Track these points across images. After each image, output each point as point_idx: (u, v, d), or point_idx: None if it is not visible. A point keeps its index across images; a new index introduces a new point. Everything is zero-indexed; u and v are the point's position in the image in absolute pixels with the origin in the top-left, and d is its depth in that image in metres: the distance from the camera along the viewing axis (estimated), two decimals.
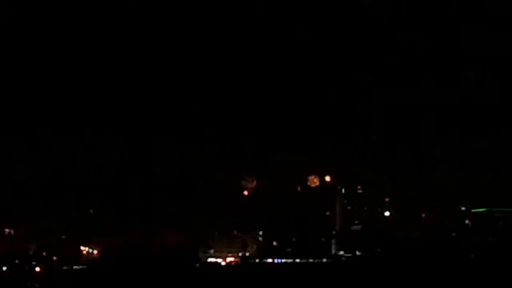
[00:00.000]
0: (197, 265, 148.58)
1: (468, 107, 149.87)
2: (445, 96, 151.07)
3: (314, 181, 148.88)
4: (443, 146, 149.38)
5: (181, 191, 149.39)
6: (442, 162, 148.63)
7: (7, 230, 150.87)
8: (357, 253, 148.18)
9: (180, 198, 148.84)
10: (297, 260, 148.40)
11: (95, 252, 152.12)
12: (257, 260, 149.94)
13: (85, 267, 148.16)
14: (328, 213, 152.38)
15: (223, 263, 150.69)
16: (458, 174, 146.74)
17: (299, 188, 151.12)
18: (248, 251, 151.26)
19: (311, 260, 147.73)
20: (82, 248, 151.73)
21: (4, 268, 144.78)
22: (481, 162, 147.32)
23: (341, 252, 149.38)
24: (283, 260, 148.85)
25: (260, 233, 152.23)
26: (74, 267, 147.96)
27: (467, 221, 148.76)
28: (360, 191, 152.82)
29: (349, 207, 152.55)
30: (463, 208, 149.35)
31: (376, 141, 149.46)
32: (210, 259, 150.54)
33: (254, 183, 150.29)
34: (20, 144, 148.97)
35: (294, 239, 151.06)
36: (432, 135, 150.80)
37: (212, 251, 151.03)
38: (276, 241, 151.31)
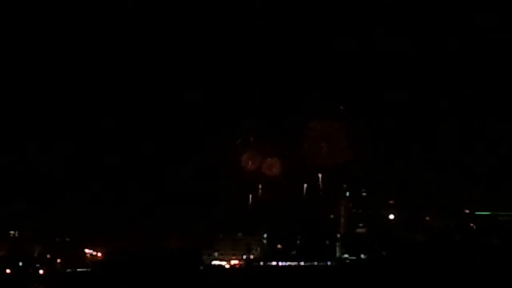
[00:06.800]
0: (201, 267, 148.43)
1: (471, 110, 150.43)
2: (449, 99, 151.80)
3: None
4: (447, 150, 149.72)
5: (185, 193, 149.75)
6: (447, 165, 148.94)
7: (11, 232, 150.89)
8: (362, 256, 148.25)
9: (184, 200, 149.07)
10: (302, 263, 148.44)
11: (99, 254, 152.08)
12: (261, 263, 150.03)
13: (89, 269, 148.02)
14: (332, 216, 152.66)
15: (227, 266, 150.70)
16: (463, 177, 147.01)
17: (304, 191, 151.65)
18: (252, 254, 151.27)
19: (315, 263, 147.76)
20: (86, 250, 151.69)
21: (8, 270, 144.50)
22: (485, 166, 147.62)
23: (346, 255, 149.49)
24: (288, 263, 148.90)
25: (265, 236, 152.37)
26: (78, 269, 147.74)
27: (471, 224, 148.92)
28: (365, 194, 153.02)
29: (353, 210, 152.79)
30: (467, 211, 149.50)
31: (380, 144, 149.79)
32: (214, 262, 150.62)
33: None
34: (22, 145, 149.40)
35: (298, 242, 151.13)
36: (437, 139, 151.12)
37: (216, 253, 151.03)
38: (281, 244, 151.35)
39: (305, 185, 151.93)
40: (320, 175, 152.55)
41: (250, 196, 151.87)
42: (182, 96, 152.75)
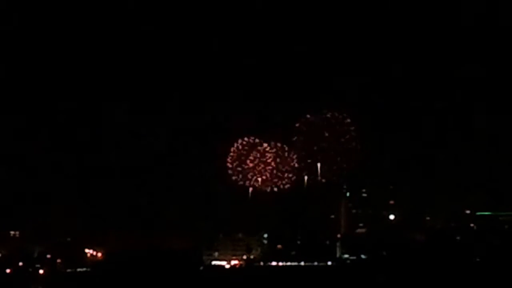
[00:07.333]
0: (201, 268, 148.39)
1: (472, 111, 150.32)
2: (449, 100, 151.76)
3: None
4: (448, 150, 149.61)
5: (185, 194, 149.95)
6: (447, 165, 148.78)
7: (12, 232, 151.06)
8: (362, 256, 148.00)
9: (184, 200, 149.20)
10: (302, 263, 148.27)
11: (99, 254, 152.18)
12: (261, 263, 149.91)
13: (89, 269, 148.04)
14: (332, 216, 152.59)
15: (227, 266, 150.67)
16: (463, 177, 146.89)
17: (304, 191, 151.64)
18: (252, 254, 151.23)
19: (315, 263, 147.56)
20: (86, 250, 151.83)
21: (8, 270, 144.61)
22: (486, 166, 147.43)
23: (346, 255, 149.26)
24: (288, 263, 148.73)
25: (265, 236, 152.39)
26: (78, 269, 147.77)
27: (472, 225, 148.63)
28: (365, 194, 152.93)
29: (354, 211, 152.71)
30: (468, 212, 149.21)
31: (380, 145, 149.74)
32: (215, 262, 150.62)
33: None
34: (22, 146, 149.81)
35: (298, 242, 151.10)
36: (437, 139, 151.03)
37: (216, 254, 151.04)
38: (281, 244, 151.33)
39: (305, 185, 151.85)
40: (320, 175, 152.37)
41: (250, 196, 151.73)
42: (182, 98, 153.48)
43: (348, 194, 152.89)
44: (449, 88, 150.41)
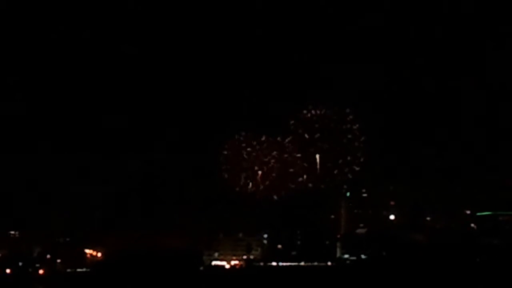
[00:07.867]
0: (201, 268, 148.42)
1: (471, 112, 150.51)
2: (449, 101, 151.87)
3: None
4: (448, 150, 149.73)
5: (185, 194, 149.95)
6: (447, 166, 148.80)
7: (12, 232, 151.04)
8: (362, 256, 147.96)
9: (184, 200, 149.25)
10: (302, 264, 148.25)
11: (99, 255, 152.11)
12: (261, 263, 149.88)
13: (89, 269, 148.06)
14: (333, 216, 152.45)
15: (228, 266, 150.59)
16: (463, 178, 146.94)
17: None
18: (252, 254, 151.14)
19: (316, 264, 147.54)
20: (86, 251, 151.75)
21: (8, 270, 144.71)
22: (486, 166, 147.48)
23: (346, 256, 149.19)
24: (288, 264, 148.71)
25: (265, 236, 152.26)
26: (78, 269, 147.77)
27: (472, 225, 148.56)
28: (365, 194, 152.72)
29: (354, 211, 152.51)
30: (468, 212, 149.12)
31: (381, 145, 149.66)
32: (215, 262, 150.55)
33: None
34: (22, 145, 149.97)
35: (299, 242, 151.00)
36: (437, 140, 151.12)
37: (216, 254, 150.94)
38: (281, 244, 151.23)
39: (305, 185, 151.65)
40: (320, 178, 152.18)
41: (249, 196, 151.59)
42: (182, 99, 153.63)
43: (348, 194, 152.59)
44: (451, 88, 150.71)
